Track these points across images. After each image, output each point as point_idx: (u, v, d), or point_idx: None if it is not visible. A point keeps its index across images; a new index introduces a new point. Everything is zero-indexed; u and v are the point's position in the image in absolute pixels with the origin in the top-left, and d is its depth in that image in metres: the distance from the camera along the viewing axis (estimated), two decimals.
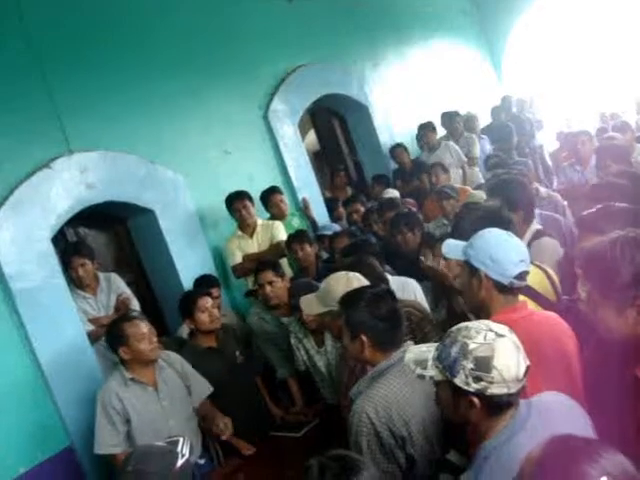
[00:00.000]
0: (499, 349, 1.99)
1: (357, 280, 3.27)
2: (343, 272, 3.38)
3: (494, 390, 1.97)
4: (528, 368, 2.00)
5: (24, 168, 4.84)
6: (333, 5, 8.48)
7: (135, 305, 5.17)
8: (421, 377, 2.16)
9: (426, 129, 8.51)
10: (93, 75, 5.46)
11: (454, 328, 2.13)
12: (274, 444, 4.10)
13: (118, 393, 3.90)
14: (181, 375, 4.17)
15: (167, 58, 6.16)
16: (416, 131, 8.77)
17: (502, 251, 2.56)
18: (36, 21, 5.14)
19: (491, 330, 2.04)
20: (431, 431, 2.59)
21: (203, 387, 4.26)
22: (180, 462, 2.17)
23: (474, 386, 1.98)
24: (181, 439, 2.27)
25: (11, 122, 4.83)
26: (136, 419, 3.90)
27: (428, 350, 2.18)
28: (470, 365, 1.99)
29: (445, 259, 3.18)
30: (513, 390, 1.99)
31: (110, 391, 3.91)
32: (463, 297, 2.32)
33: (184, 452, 2.21)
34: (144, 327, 3.96)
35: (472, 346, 2.01)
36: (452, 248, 2.77)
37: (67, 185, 5.06)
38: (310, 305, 3.43)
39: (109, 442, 3.88)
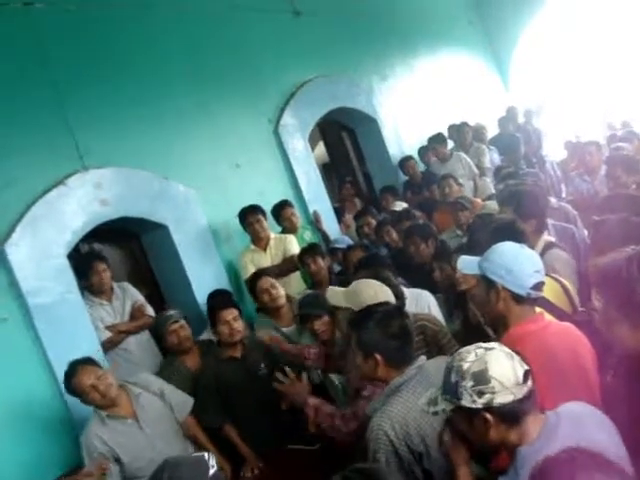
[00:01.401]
0: (491, 360, 2.05)
1: (385, 294, 3.30)
2: (376, 281, 3.42)
3: (500, 399, 2.01)
4: (528, 372, 2.04)
5: (39, 185, 4.89)
6: (340, 19, 8.55)
7: (150, 312, 5.27)
8: (435, 414, 2.21)
9: (435, 142, 8.51)
10: (106, 92, 5.51)
11: (449, 359, 2.20)
12: (291, 457, 4.10)
13: (99, 434, 3.88)
14: (159, 395, 4.17)
15: (178, 75, 6.23)
16: (424, 143, 8.79)
17: (517, 262, 2.58)
18: (50, 40, 5.22)
19: (480, 347, 2.11)
20: None
21: (185, 402, 4.28)
22: (212, 471, 2.20)
23: (480, 401, 2.02)
24: (205, 453, 2.29)
25: (25, 140, 4.88)
26: (124, 454, 3.88)
27: (437, 391, 2.23)
28: (470, 383, 2.04)
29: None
30: (519, 395, 2.02)
31: (91, 435, 3.89)
32: (481, 311, 2.32)
33: (213, 463, 2.23)
34: (92, 372, 3.93)
35: (466, 365, 2.07)
36: (467, 264, 2.79)
37: (82, 202, 5.10)
38: (335, 296, 3.48)
39: None
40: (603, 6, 11.46)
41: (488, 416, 2.03)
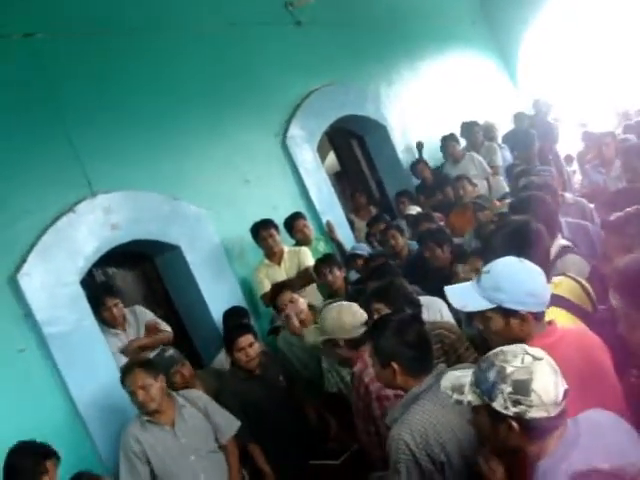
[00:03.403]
0: (537, 372, 1.97)
1: (349, 312, 3.27)
2: (337, 303, 3.42)
3: (533, 414, 1.94)
4: (567, 392, 1.97)
5: (49, 214, 4.89)
6: (341, 26, 8.54)
7: (165, 327, 5.27)
8: (458, 403, 2.13)
9: (450, 140, 8.48)
10: (111, 116, 5.52)
11: (490, 353, 2.11)
12: (313, 473, 4.06)
13: (137, 436, 4.04)
14: (203, 412, 4.22)
15: (182, 93, 6.22)
16: (435, 145, 8.75)
17: (535, 282, 2.47)
18: (54, 68, 5.25)
19: (528, 354, 2.02)
20: (469, 454, 2.56)
21: (231, 423, 4.29)
22: None
23: (513, 410, 1.96)
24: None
25: (33, 169, 4.89)
26: (156, 459, 4.01)
27: (464, 375, 2.16)
28: (508, 389, 1.96)
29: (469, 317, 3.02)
30: (552, 414, 1.95)
31: (129, 435, 4.06)
32: (497, 344, 2.20)
33: None
34: (139, 378, 4.01)
35: (510, 370, 1.99)
36: (471, 300, 2.55)
37: (92, 227, 5.10)
38: (310, 334, 3.49)
39: None
40: None
41: (515, 425, 1.97)
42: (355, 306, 3.36)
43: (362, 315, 3.41)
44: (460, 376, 2.18)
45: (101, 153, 5.35)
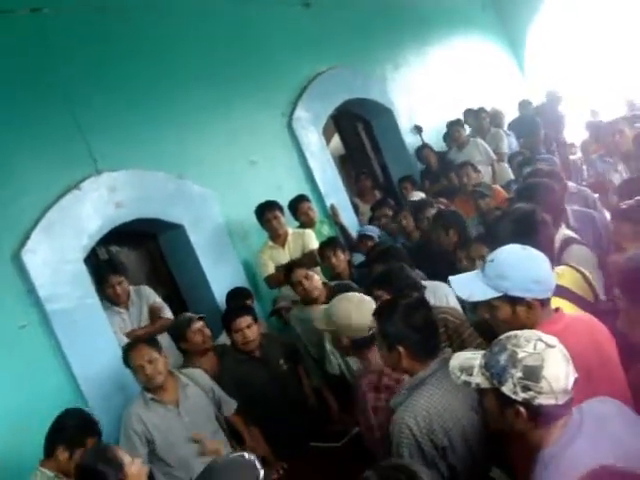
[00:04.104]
0: (549, 359, 1.96)
1: (359, 312, 3.22)
2: (350, 297, 3.37)
3: (542, 400, 1.94)
4: (576, 380, 1.96)
5: (53, 191, 4.88)
6: (349, 8, 8.46)
7: (167, 314, 5.26)
8: (466, 384, 2.13)
9: (455, 126, 8.46)
10: (116, 94, 5.49)
11: (503, 336, 2.11)
12: (314, 455, 4.06)
13: (140, 414, 4.01)
14: (206, 390, 4.25)
15: (188, 73, 6.19)
16: (441, 131, 8.73)
17: (539, 269, 2.47)
18: (59, 45, 5.21)
19: (541, 340, 2.02)
20: (473, 441, 2.57)
21: (230, 403, 4.36)
22: (262, 474, 2.18)
23: (522, 395, 1.96)
24: (245, 453, 2.27)
25: (38, 146, 4.89)
26: (159, 437, 4.00)
27: (474, 357, 2.16)
28: (519, 374, 1.96)
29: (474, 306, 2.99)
30: (561, 402, 1.95)
31: (131, 414, 4.03)
32: (504, 331, 2.19)
33: (258, 465, 2.21)
34: (145, 353, 4.02)
35: (521, 355, 1.99)
36: (477, 290, 2.55)
37: (96, 205, 5.09)
38: (319, 321, 3.47)
39: None
40: None
41: (522, 410, 1.97)
42: (367, 305, 3.24)
43: (370, 316, 3.32)
44: (470, 357, 2.17)
45: (106, 131, 5.33)
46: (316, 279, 4.88)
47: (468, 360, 2.16)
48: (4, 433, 3.76)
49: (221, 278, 5.83)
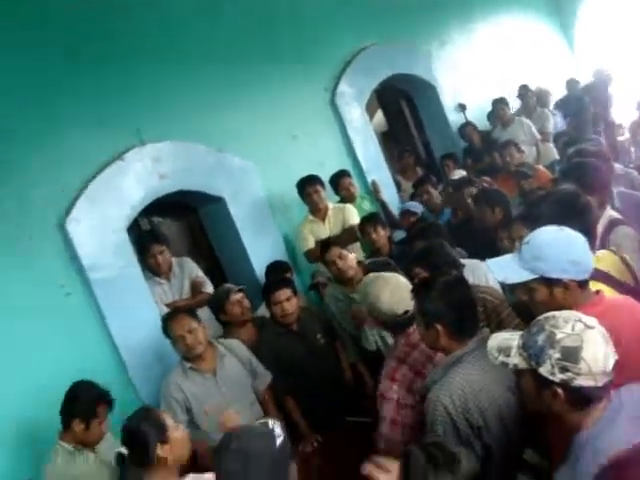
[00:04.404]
0: (588, 340, 1.94)
1: (390, 296, 3.20)
2: (384, 278, 3.34)
3: (580, 382, 1.92)
4: (616, 363, 1.94)
5: (98, 161, 4.95)
6: None
7: (209, 288, 5.28)
8: (504, 365, 2.12)
9: (500, 104, 8.32)
10: (162, 66, 5.53)
11: (541, 317, 2.09)
12: (349, 429, 4.08)
13: (179, 383, 4.09)
14: (243, 360, 4.31)
15: (232, 47, 6.20)
16: (485, 109, 8.60)
17: (576, 249, 2.44)
18: (106, 10, 5.22)
19: (580, 321, 2.00)
20: (509, 422, 2.55)
21: (266, 374, 4.41)
22: (279, 442, 2.19)
23: (559, 376, 1.94)
24: (270, 420, 2.29)
25: (83, 116, 4.95)
26: (197, 406, 4.08)
27: (512, 337, 2.14)
28: (557, 355, 1.95)
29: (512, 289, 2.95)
30: (600, 384, 1.93)
31: (171, 382, 4.12)
32: (541, 314, 2.17)
33: (278, 431, 2.22)
34: (186, 323, 4.08)
35: (560, 336, 1.97)
36: (513, 272, 2.54)
37: (140, 176, 5.15)
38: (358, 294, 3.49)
39: None
40: None
41: (560, 392, 1.96)
42: (401, 294, 3.17)
43: (406, 305, 3.16)
44: (508, 338, 2.15)
45: (151, 103, 5.38)
46: (350, 258, 4.84)
47: (506, 340, 2.14)
48: (48, 398, 3.82)
49: (261, 251, 5.87)
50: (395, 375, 3.11)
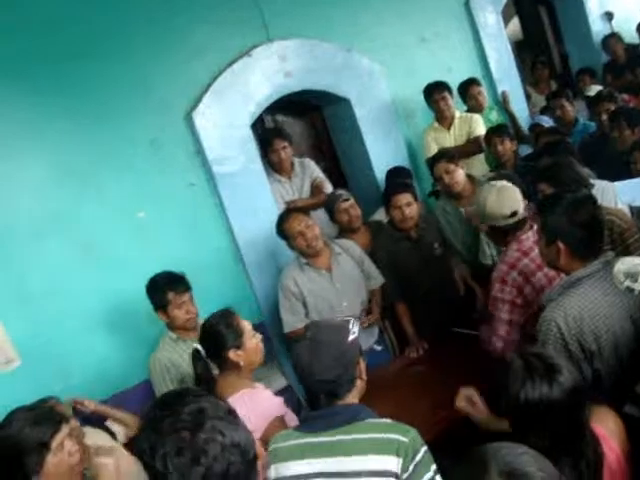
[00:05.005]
0: None
1: (497, 201, 3.14)
2: (492, 186, 3.26)
3: None
4: None
5: (226, 56, 4.96)
6: None
7: (328, 189, 5.31)
8: (629, 290, 2.04)
9: None
10: None
11: None
12: (455, 340, 4.09)
13: (295, 277, 4.23)
14: (357, 260, 4.37)
15: None
16: (635, 20, 7.97)
17: None
18: None
19: None
20: (623, 350, 2.46)
21: (378, 276, 4.44)
22: (351, 337, 2.30)
23: None
24: (352, 319, 2.40)
25: (213, 11, 4.93)
26: (312, 300, 4.21)
27: None
28: None
29: None
30: None
31: (288, 276, 4.26)
32: None
33: (354, 330, 2.33)
34: (302, 219, 4.18)
35: None
36: None
37: (266, 73, 5.14)
38: (474, 215, 3.42)
39: (292, 321, 4.22)
40: None
41: None
42: (508, 194, 3.15)
43: (512, 205, 3.17)
44: (638, 263, 2.06)
45: None
46: (458, 174, 4.72)
47: (636, 266, 2.05)
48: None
49: (383, 155, 5.80)
50: (506, 278, 3.14)
